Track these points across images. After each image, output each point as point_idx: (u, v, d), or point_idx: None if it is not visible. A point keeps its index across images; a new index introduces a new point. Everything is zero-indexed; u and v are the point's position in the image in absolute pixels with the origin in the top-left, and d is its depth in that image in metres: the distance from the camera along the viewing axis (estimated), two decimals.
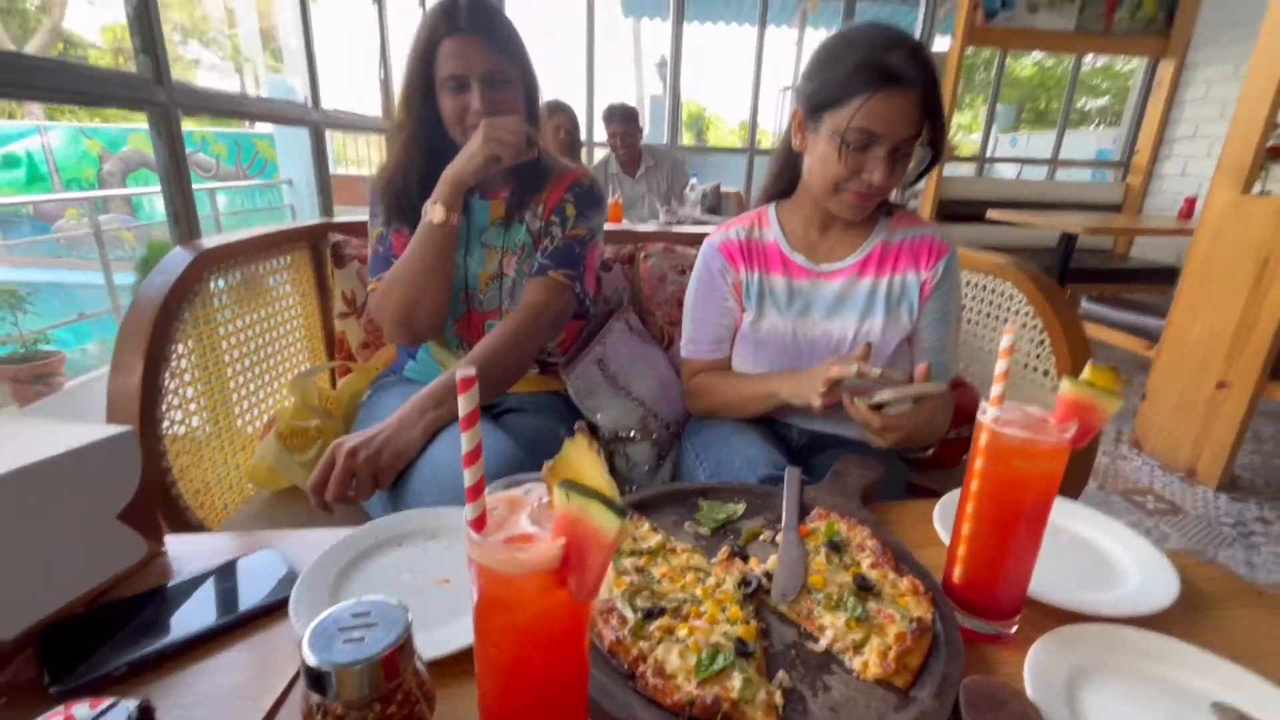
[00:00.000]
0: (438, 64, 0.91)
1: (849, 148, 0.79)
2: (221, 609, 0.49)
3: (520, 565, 0.28)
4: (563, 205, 1.03)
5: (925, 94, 0.77)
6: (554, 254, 1.00)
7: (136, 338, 0.82)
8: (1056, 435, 0.44)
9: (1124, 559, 0.59)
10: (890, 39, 0.77)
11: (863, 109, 0.76)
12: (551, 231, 1.01)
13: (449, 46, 0.90)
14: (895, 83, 0.75)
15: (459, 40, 0.89)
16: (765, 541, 0.60)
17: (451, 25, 0.89)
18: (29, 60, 0.85)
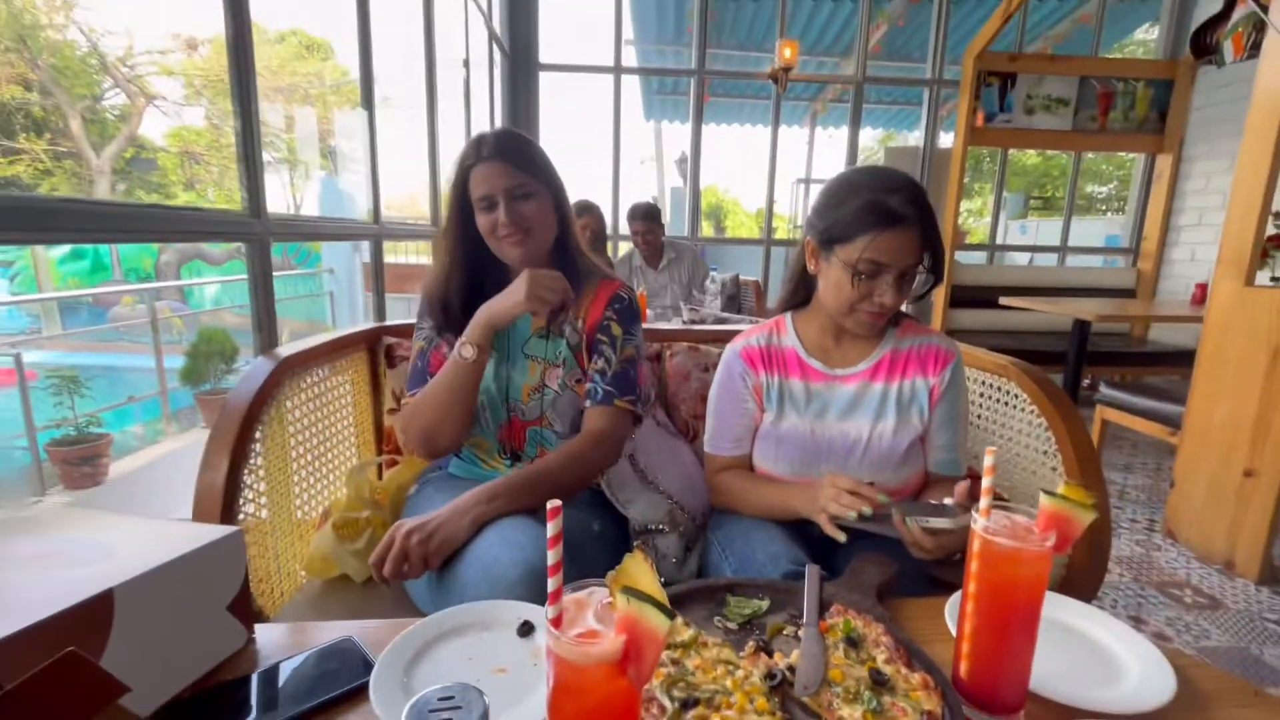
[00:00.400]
0: (470, 189, 1.04)
1: (861, 277, 0.90)
2: (308, 693, 0.56)
3: (590, 657, 0.36)
4: (606, 324, 1.11)
5: (924, 230, 0.89)
6: (614, 380, 1.07)
7: (225, 439, 0.92)
8: (1039, 544, 0.51)
9: (1125, 657, 0.63)
10: (890, 183, 0.90)
11: (866, 244, 0.89)
12: (601, 350, 1.09)
13: (477, 174, 1.03)
14: (898, 222, 0.88)
15: (484, 165, 1.02)
16: (789, 636, 0.65)
17: (478, 155, 1.03)
18: (160, 210, 1.02)
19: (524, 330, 1.13)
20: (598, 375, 1.08)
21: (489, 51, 3.73)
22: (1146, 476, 3.09)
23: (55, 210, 0.84)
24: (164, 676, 0.52)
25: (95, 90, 9.49)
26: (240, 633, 0.60)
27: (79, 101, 9.18)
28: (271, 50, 10.71)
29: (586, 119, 5.59)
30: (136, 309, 7.75)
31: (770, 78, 4.02)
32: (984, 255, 4.79)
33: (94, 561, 0.53)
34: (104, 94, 9.71)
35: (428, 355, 1.12)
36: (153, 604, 0.51)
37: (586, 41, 5.65)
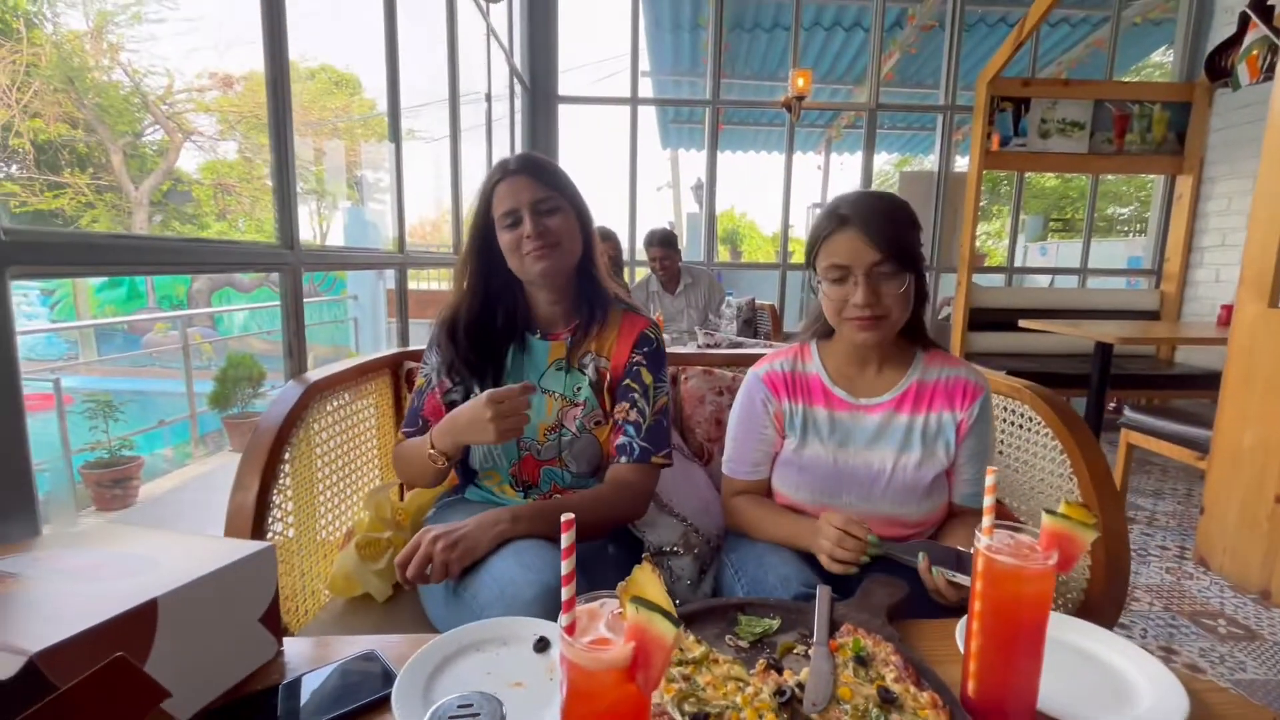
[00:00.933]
0: (494, 206, 1.04)
1: (830, 283, 0.95)
2: (333, 703, 0.58)
3: (601, 663, 0.38)
4: (636, 369, 1.08)
5: (872, 226, 0.91)
6: (649, 435, 1.04)
7: (256, 460, 0.96)
8: (1041, 562, 0.52)
9: (1138, 680, 0.63)
10: (844, 197, 0.97)
11: (825, 251, 0.95)
12: (632, 398, 1.06)
13: (501, 190, 1.03)
14: (843, 223, 0.93)
15: (509, 181, 1.03)
16: (798, 655, 0.66)
17: (503, 171, 1.04)
18: (199, 243, 1.09)
19: (540, 361, 1.10)
20: (631, 428, 1.05)
21: (510, 85, 3.86)
22: (1176, 502, 3.01)
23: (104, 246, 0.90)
24: (201, 684, 0.55)
25: (136, 127, 9.96)
26: (271, 644, 0.63)
27: (120, 138, 9.62)
28: (302, 86, 11.15)
29: (604, 148, 5.73)
30: (169, 335, 8.00)
31: (784, 106, 4.09)
32: (1002, 278, 4.76)
33: (138, 573, 0.56)
34: (144, 130, 10.17)
35: (424, 396, 1.11)
36: (192, 613, 0.54)
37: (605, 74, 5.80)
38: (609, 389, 1.09)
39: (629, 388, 1.07)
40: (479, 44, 3.28)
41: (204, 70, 10.09)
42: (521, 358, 1.10)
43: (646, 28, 5.07)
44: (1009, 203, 7.05)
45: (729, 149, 8.21)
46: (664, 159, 11.95)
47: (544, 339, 1.12)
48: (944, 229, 4.63)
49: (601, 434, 1.07)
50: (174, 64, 9.30)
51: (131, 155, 10.03)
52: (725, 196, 20.67)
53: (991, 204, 11.24)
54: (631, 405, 1.06)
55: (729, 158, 9.06)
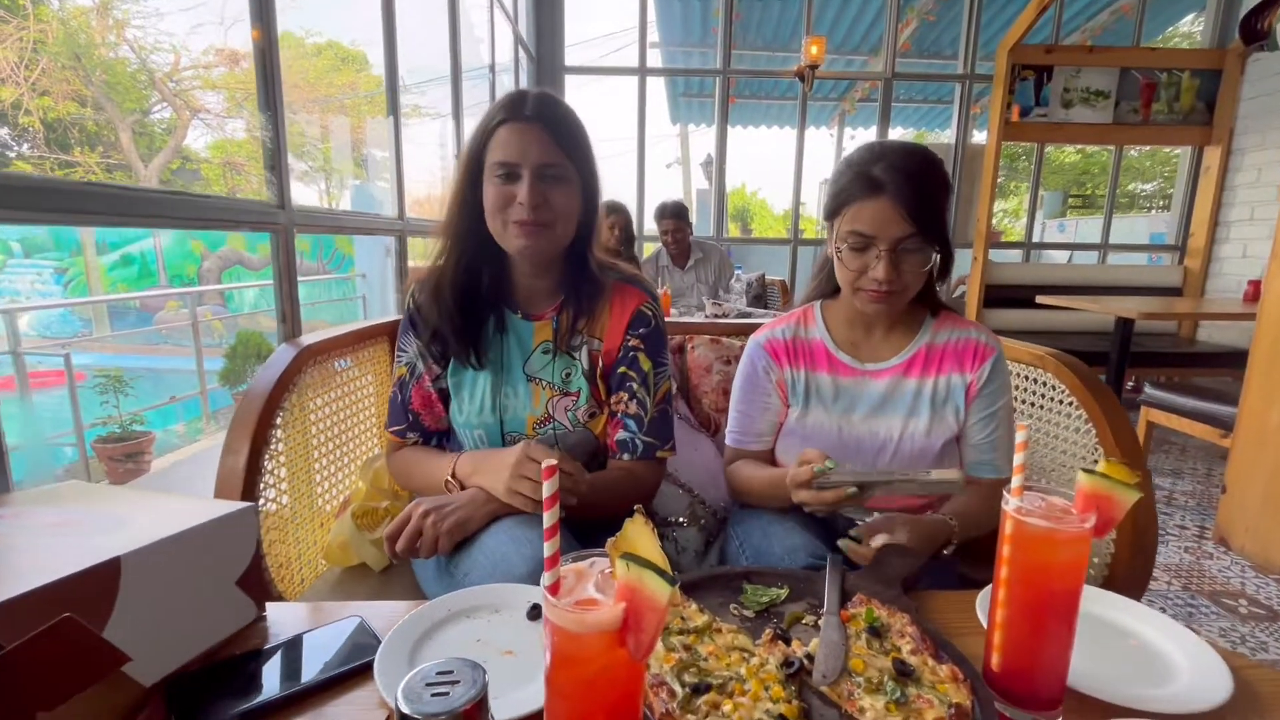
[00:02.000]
0: (489, 151, 0.86)
1: (850, 250, 0.88)
2: (315, 669, 0.55)
3: (587, 625, 0.34)
4: (632, 355, 0.95)
5: (907, 197, 0.84)
6: (652, 429, 0.94)
7: (246, 424, 0.93)
8: (1077, 525, 0.47)
9: (1175, 655, 0.58)
10: (877, 153, 0.87)
11: (849, 215, 0.87)
12: (630, 388, 0.94)
13: (504, 134, 0.85)
14: (876, 190, 0.85)
15: (517, 127, 0.84)
16: (808, 625, 0.62)
17: (513, 113, 0.85)
18: (186, 196, 1.05)
19: (526, 343, 0.97)
20: (632, 422, 0.94)
21: (515, 55, 3.77)
22: (1196, 482, 2.94)
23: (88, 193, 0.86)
24: (169, 647, 0.52)
25: (144, 105, 9.92)
26: (249, 608, 0.60)
27: (128, 116, 9.59)
28: (310, 64, 11.03)
29: (612, 121, 5.62)
30: (180, 313, 8.04)
31: (797, 75, 3.97)
32: (1019, 254, 4.65)
33: (106, 531, 0.53)
34: (152, 108, 10.13)
35: (409, 388, 0.99)
36: (160, 574, 0.51)
37: (612, 48, 5.67)
38: (602, 375, 0.96)
39: (626, 376, 0.95)
40: (482, 14, 3.19)
41: (210, 47, 10.00)
42: (502, 338, 0.97)
43: None
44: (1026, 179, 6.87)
45: (739, 124, 8.05)
46: (674, 136, 11.77)
47: (527, 319, 0.98)
48: (960, 204, 4.51)
49: (596, 426, 0.97)
50: (180, 40, 9.20)
51: (140, 133, 10.01)
52: (736, 174, 20.41)
53: (1008, 180, 10.99)
54: (630, 396, 0.95)
55: (739, 133, 8.91)
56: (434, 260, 0.96)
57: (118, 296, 9.08)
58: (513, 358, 0.97)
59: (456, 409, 0.99)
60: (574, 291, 0.96)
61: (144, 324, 8.64)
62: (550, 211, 0.87)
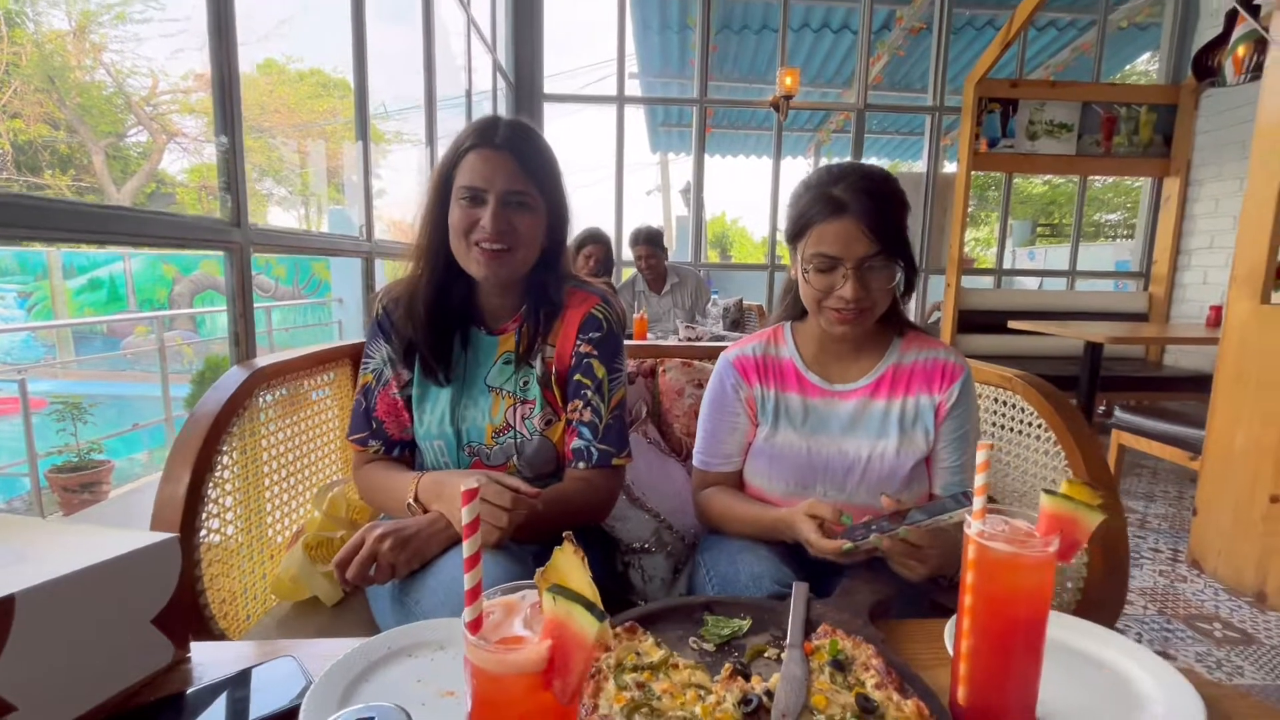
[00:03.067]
0: (459, 174, 0.88)
1: (815, 271, 0.87)
2: (238, 715, 0.51)
3: (508, 666, 0.31)
4: (585, 361, 0.95)
5: (870, 216, 0.84)
6: (606, 437, 0.94)
7: (188, 450, 0.89)
8: (1040, 549, 0.45)
9: (1147, 685, 0.56)
10: (836, 174, 0.88)
11: (813, 236, 0.87)
12: (584, 395, 0.94)
13: (474, 159, 0.87)
14: (839, 210, 0.85)
15: (486, 154, 0.86)
16: (770, 659, 0.59)
17: (484, 139, 0.87)
18: (132, 212, 1.01)
19: (486, 356, 0.97)
20: (586, 430, 0.94)
21: (494, 83, 3.80)
22: (1169, 505, 2.97)
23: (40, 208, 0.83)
24: (70, 693, 0.47)
25: (119, 128, 9.82)
26: (166, 649, 0.55)
27: (103, 139, 9.49)
28: (291, 90, 11.05)
29: (592, 149, 5.67)
30: (149, 338, 7.86)
31: (772, 106, 4.06)
32: (991, 280, 4.74)
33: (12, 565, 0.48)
34: (127, 132, 10.03)
35: (374, 395, 0.99)
36: (62, 613, 0.47)
37: (592, 78, 5.78)
38: (557, 381, 0.96)
39: (580, 384, 0.95)
40: (462, 42, 3.22)
41: (189, 71, 9.96)
42: (465, 352, 0.97)
43: (634, 29, 5.04)
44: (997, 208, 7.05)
45: (717, 153, 8.20)
46: (654, 164, 11.95)
47: (490, 334, 0.99)
48: (932, 231, 4.61)
49: (554, 433, 0.96)
50: (159, 65, 9.17)
51: (114, 156, 9.89)
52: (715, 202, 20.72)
53: (979, 210, 11.30)
54: (585, 404, 0.95)
55: (718, 162, 9.06)
56: (410, 275, 0.96)
57: (82, 320, 8.85)
58: (475, 370, 0.97)
59: (417, 420, 0.97)
60: (533, 312, 0.96)
61: (111, 349, 8.41)
62: (513, 237, 0.88)
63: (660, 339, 3.16)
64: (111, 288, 9.34)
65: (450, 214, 0.89)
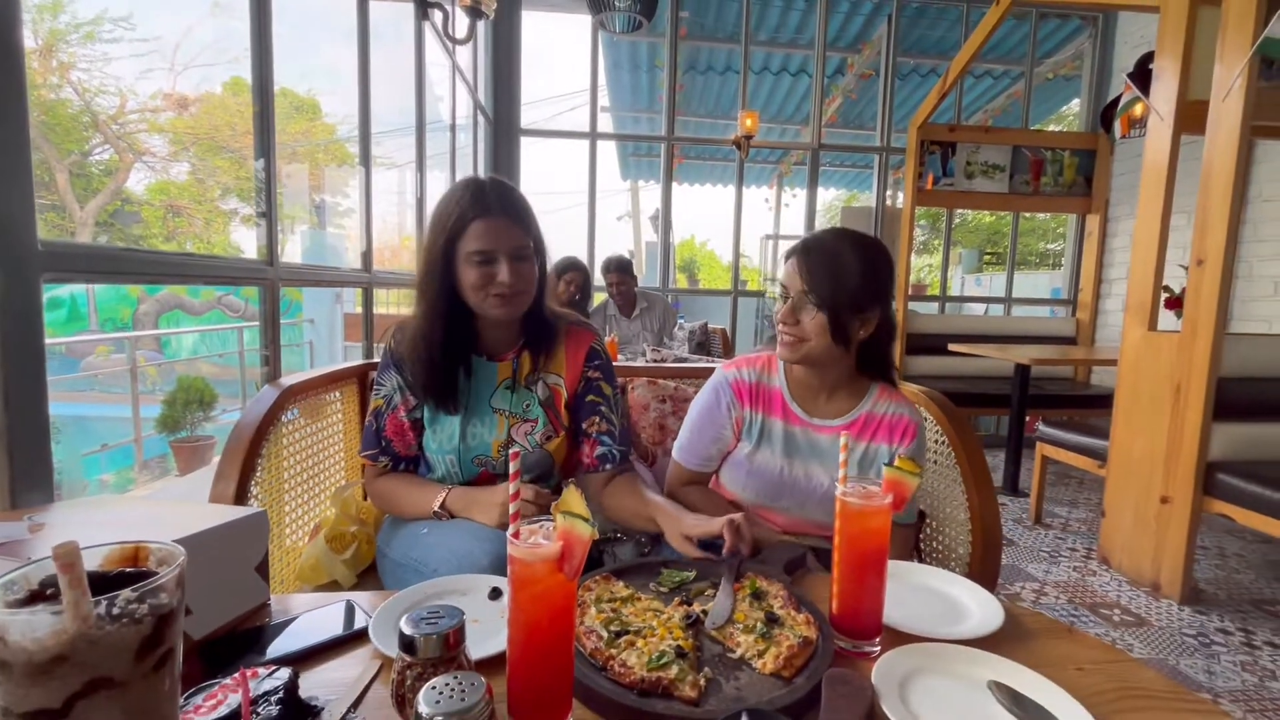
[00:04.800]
0: (464, 241, 1.02)
1: (780, 299, 1.10)
2: (323, 634, 0.70)
3: (536, 555, 0.52)
4: (595, 383, 1.17)
5: (806, 262, 1.06)
6: (624, 439, 1.17)
7: (237, 454, 1.06)
8: (880, 502, 0.68)
9: (970, 604, 0.79)
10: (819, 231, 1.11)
11: (782, 270, 1.11)
12: (599, 410, 1.16)
13: (479, 228, 1.01)
14: (792, 253, 1.09)
15: (489, 222, 1.02)
16: (708, 595, 0.81)
17: (482, 209, 1.02)
18: (189, 258, 1.20)
19: (488, 382, 1.15)
20: (607, 438, 1.15)
21: (474, 117, 4.03)
22: (1089, 510, 3.29)
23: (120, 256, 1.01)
24: (211, 611, 0.66)
25: (84, 147, 9.70)
26: (263, 589, 0.74)
27: (67, 157, 9.37)
28: None
29: (565, 176, 5.92)
30: (112, 359, 7.74)
31: (734, 144, 4.37)
32: (937, 306, 5.11)
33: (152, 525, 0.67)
34: (92, 150, 9.91)
35: (384, 418, 1.15)
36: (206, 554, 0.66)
37: (566, 107, 6.05)
38: (566, 405, 1.16)
39: (595, 402, 1.17)
40: (444, 77, 3.44)
41: (158, 91, 9.93)
42: (468, 382, 1.14)
43: (606, 67, 5.34)
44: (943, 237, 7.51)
45: (685, 181, 8.56)
46: (625, 190, 12.32)
47: (490, 360, 1.16)
48: None
49: (552, 446, 1.15)
50: (127, 84, 9.14)
51: (78, 174, 9.75)
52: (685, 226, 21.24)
53: (933, 238, 11.92)
54: (601, 418, 1.17)
55: (685, 190, 9.43)
56: (414, 322, 1.11)
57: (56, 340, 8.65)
58: (480, 395, 1.14)
59: (430, 438, 1.15)
60: (534, 337, 1.16)
61: (69, 370, 8.24)
62: (523, 283, 1.07)
63: (629, 360, 3.38)
64: (72, 307, 9.16)
65: (464, 274, 1.05)
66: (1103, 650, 0.72)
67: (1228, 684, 1.79)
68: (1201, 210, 2.24)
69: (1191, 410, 2.24)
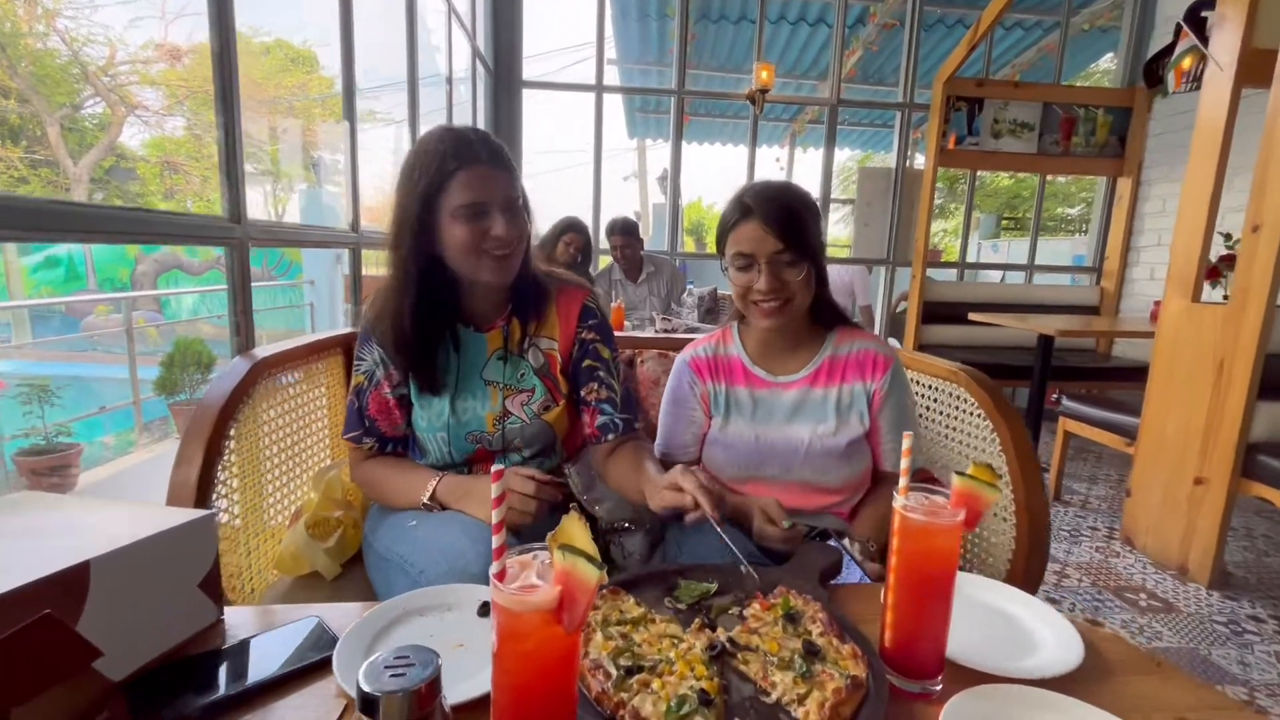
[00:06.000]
0: (449, 194, 0.89)
1: (735, 269, 1.00)
2: (275, 664, 0.59)
3: (528, 605, 0.40)
4: (591, 346, 1.06)
5: (770, 219, 0.96)
6: (626, 406, 1.07)
7: (200, 434, 0.95)
8: (949, 518, 0.56)
9: (1041, 631, 0.68)
10: (749, 186, 1.01)
11: (731, 239, 1.00)
12: (598, 376, 1.06)
13: (466, 177, 0.89)
14: (746, 214, 0.98)
15: (479, 170, 0.89)
16: (733, 615, 0.69)
17: (468, 156, 0.89)
18: (141, 213, 1.06)
19: (479, 354, 1.05)
20: (608, 406, 1.06)
21: (472, 68, 3.80)
22: (1110, 488, 3.18)
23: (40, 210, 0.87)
24: (136, 646, 0.55)
25: (75, 99, 9.41)
26: (211, 610, 0.63)
27: (57, 110, 9.09)
28: (255, 62, 10.70)
29: (569, 135, 5.68)
30: (110, 318, 7.64)
31: (748, 99, 4.14)
32: (955, 273, 4.92)
33: (74, 536, 0.56)
34: (84, 103, 9.62)
35: (366, 395, 1.05)
36: (127, 577, 0.54)
37: (570, 60, 5.76)
38: (562, 370, 1.07)
39: (592, 368, 1.07)
40: (439, 20, 3.22)
41: (149, 41, 9.57)
42: (456, 355, 1.03)
43: (614, 16, 5.04)
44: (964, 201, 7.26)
45: (695, 140, 8.25)
46: (631, 149, 11.94)
47: (479, 331, 1.05)
48: (900, 224, 4.76)
49: (551, 416, 1.05)
50: (116, 33, 8.80)
51: (70, 129, 9.49)
52: (693, 189, 20.76)
53: (949, 202, 11.58)
54: (600, 384, 1.07)
55: (695, 149, 9.12)
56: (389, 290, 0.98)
57: (41, 301, 8.56)
58: (470, 369, 1.04)
59: (420, 415, 1.04)
60: (523, 301, 1.04)
61: (70, 330, 8.16)
62: (520, 238, 0.96)
63: (637, 327, 3.25)
64: (70, 266, 9.04)
65: (448, 233, 0.91)
66: (1200, 693, 0.61)
67: (1264, 676, 1.71)
68: (1261, 171, 2.06)
69: (1235, 387, 2.11)
